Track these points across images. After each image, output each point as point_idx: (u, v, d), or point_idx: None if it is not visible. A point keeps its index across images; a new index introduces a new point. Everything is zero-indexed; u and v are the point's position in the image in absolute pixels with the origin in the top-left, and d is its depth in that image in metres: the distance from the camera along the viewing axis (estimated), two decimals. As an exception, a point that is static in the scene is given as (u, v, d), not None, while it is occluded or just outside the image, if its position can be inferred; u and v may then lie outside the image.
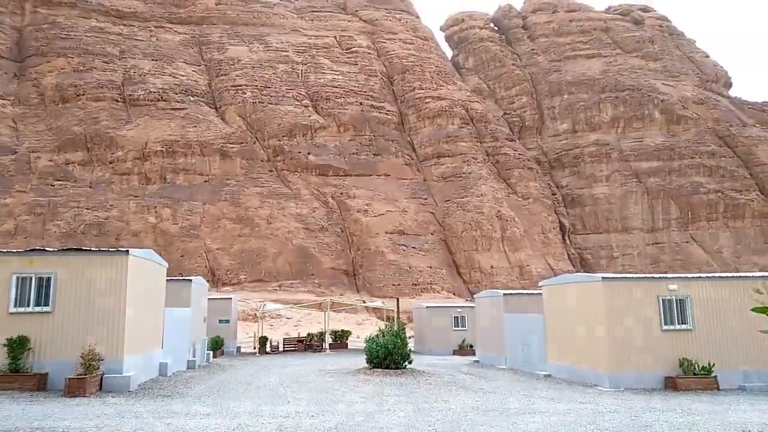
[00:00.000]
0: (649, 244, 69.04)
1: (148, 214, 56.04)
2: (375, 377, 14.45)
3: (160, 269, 15.01)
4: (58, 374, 11.67)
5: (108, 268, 12.17)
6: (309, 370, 17.05)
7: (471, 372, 17.37)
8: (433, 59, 75.84)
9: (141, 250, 13.42)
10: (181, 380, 14.52)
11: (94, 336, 11.89)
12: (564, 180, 72.20)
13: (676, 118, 72.21)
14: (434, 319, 28.47)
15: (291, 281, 56.23)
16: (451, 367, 19.37)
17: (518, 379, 15.35)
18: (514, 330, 18.45)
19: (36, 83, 62.74)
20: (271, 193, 59.84)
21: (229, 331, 27.83)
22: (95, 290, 12.05)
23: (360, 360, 22.24)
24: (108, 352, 11.91)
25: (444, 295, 58.65)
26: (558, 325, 15.53)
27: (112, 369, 12.00)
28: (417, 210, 63.42)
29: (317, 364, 20.11)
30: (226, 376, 15.62)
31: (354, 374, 15.29)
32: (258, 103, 64.46)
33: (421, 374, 15.40)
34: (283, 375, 15.76)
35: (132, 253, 12.57)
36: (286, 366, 19.13)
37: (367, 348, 16.48)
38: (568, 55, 78.25)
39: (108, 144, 59.19)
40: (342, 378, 14.47)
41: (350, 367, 17.81)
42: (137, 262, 12.93)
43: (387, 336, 16.10)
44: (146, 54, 67.36)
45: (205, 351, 20.60)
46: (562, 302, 15.20)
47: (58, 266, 12.08)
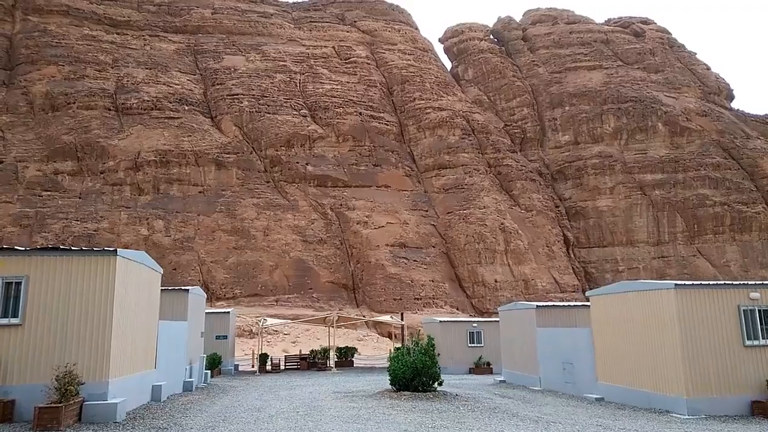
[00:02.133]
0: (655, 258, 67.47)
1: (140, 226, 53.81)
2: (404, 402, 12.44)
3: (154, 276, 12.96)
4: (27, 401, 9.60)
5: (91, 271, 10.15)
6: (322, 393, 14.98)
7: (506, 394, 15.38)
8: (432, 70, 74.68)
9: (132, 251, 11.40)
10: (178, 406, 12.43)
11: (73, 354, 9.84)
12: (567, 192, 70.72)
13: (680, 129, 71.18)
14: (448, 334, 26.40)
15: (288, 295, 54.00)
16: (477, 388, 17.36)
17: (567, 404, 13.37)
18: (550, 346, 16.51)
19: (25, 91, 60.72)
20: (268, 205, 57.84)
21: (227, 348, 25.63)
22: (75, 298, 10.02)
23: (373, 379, 20.14)
24: (90, 373, 9.85)
25: (447, 310, 56.60)
26: (612, 340, 13.62)
27: (95, 395, 9.93)
28: (418, 222, 61.59)
29: (328, 384, 18.02)
30: (230, 401, 13.54)
31: (378, 398, 13.27)
32: (255, 113, 62.73)
33: (455, 398, 13.40)
34: (295, 399, 13.68)
35: (121, 254, 10.57)
36: (293, 387, 17.02)
37: (392, 367, 14.44)
38: (568, 66, 77.36)
39: (99, 153, 57.10)
40: (365, 403, 12.46)
41: (368, 388, 15.77)
42: (127, 266, 10.92)
43: (414, 353, 14.11)
44: (140, 63, 65.64)
45: (203, 370, 18.44)
46: (617, 314, 13.29)
47: (30, 269, 10.04)
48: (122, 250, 10.80)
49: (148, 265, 12.45)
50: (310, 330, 50.65)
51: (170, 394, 14.29)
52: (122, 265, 10.57)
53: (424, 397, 13.17)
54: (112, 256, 10.35)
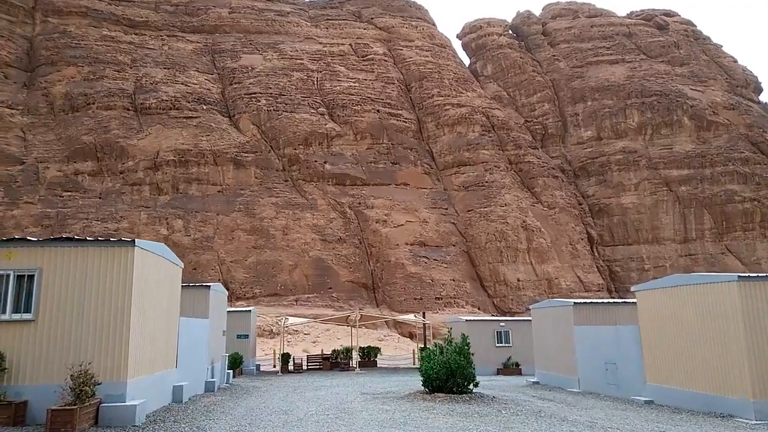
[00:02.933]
0: (682, 256, 65.64)
1: (159, 226, 53.71)
2: (440, 405, 11.62)
3: (174, 270, 12.29)
4: (41, 403, 8.96)
5: (108, 263, 9.48)
6: (350, 394, 14.21)
7: (544, 396, 14.45)
8: (451, 66, 73.64)
9: (151, 242, 10.73)
10: (201, 408, 11.75)
11: (89, 352, 9.19)
12: (590, 189, 69.14)
13: (707, 124, 69.15)
14: (474, 334, 25.38)
15: (308, 295, 53.47)
16: (510, 390, 16.44)
17: (615, 407, 12.42)
18: (590, 346, 15.52)
19: (45, 92, 61.10)
20: (287, 204, 57.39)
21: (248, 348, 25.01)
22: (91, 292, 9.38)
23: (400, 380, 19.34)
24: (107, 373, 9.19)
25: (468, 309, 55.58)
26: (662, 338, 12.61)
27: (112, 396, 9.28)
28: (438, 220, 60.65)
29: (353, 385, 17.25)
30: (254, 402, 12.83)
31: (410, 400, 12.46)
32: (273, 111, 62.35)
33: (492, 401, 12.52)
34: (322, 401, 12.93)
35: (139, 244, 9.90)
36: (319, 388, 16.28)
37: (424, 367, 13.60)
38: (590, 60, 75.72)
39: (119, 153, 57.19)
40: (398, 406, 11.66)
41: (397, 389, 14.97)
42: (146, 258, 10.25)
43: (448, 353, 13.26)
44: (158, 62, 65.70)
45: (225, 370, 17.79)
46: (669, 309, 12.29)
47: (43, 261, 9.42)
48: (141, 241, 10.11)
49: (168, 258, 11.79)
50: (330, 330, 50.02)
51: (192, 395, 13.65)
52: (141, 257, 9.90)
53: (460, 399, 12.32)
54: (129, 247, 9.68)
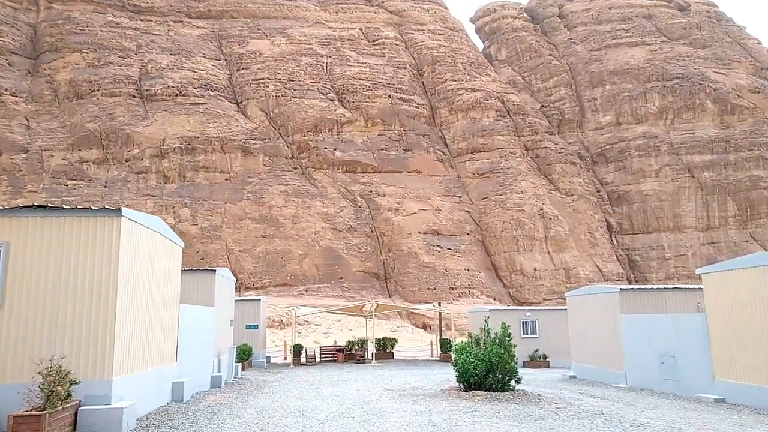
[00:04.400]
0: (705, 244, 63.42)
1: (166, 215, 52.34)
2: (482, 405, 9.99)
3: (172, 249, 10.64)
4: (5, 406, 7.37)
5: (89, 237, 7.88)
6: (373, 391, 12.61)
7: (593, 393, 12.78)
8: (464, 50, 71.48)
9: (143, 214, 9.06)
10: (204, 409, 10.16)
11: (66, 345, 7.62)
12: (609, 176, 66.96)
13: (731, 107, 66.60)
14: (497, 325, 23.76)
15: (318, 285, 52.01)
16: (549, 385, 14.80)
17: (684, 407, 10.72)
18: (641, 337, 13.81)
19: (49, 79, 59.79)
20: (296, 192, 55.84)
21: (258, 339, 23.50)
22: (69, 272, 7.79)
23: (423, 374, 17.75)
24: (87, 370, 7.62)
25: (484, 300, 53.91)
26: (738, 327, 10.86)
27: (95, 397, 7.72)
28: (451, 208, 58.86)
29: (374, 380, 15.67)
30: (266, 401, 11.25)
31: (445, 399, 10.85)
32: (281, 97, 60.66)
33: (540, 400, 10.87)
34: (343, 399, 11.35)
35: (127, 214, 8.25)
36: (336, 383, 14.71)
37: (460, 362, 11.94)
38: (609, 43, 73.21)
39: (124, 141, 55.85)
40: (433, 406, 10.04)
41: (425, 385, 13.37)
42: (137, 232, 8.61)
43: (487, 345, 11.61)
44: (164, 48, 64.14)
45: (233, 363, 16.26)
46: (750, 294, 10.52)
47: (10, 234, 7.81)
48: (129, 211, 8.44)
49: (164, 234, 10.12)
50: (341, 320, 48.59)
51: (195, 393, 12.10)
52: (129, 230, 8.24)
53: (503, 398, 10.69)
54: (115, 217, 8.03)
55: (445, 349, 26.03)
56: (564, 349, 21.87)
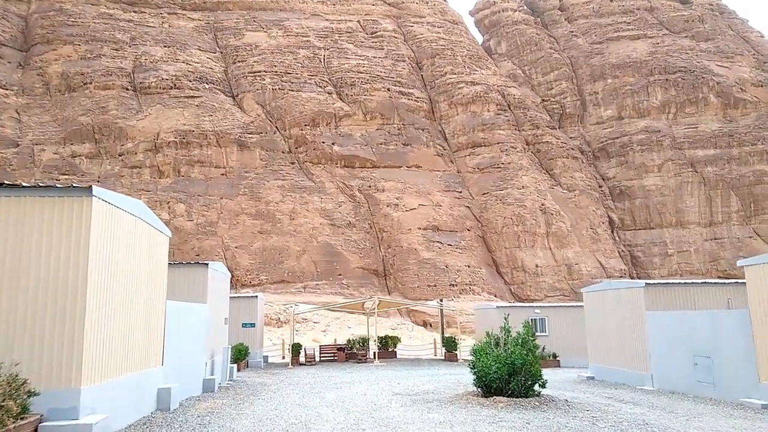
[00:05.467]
0: (708, 240, 62.61)
1: (160, 210, 51.19)
2: (507, 414, 8.98)
3: (157, 237, 9.49)
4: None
5: (54, 220, 6.75)
6: (381, 396, 11.58)
7: (621, 398, 11.79)
8: (464, 43, 70.38)
9: (120, 195, 7.89)
10: (193, 419, 9.09)
11: (24, 348, 6.52)
12: (610, 171, 66.04)
13: (734, 101, 65.72)
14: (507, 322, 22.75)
15: (316, 282, 50.96)
16: (569, 388, 13.82)
17: (729, 414, 9.75)
18: (670, 335, 12.84)
19: (41, 72, 58.45)
20: (294, 187, 54.73)
21: (255, 338, 22.46)
22: (29, 261, 6.69)
23: (431, 375, 16.73)
24: (51, 378, 6.52)
25: (485, 297, 52.97)
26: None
27: (59, 411, 6.61)
28: (452, 204, 57.86)
29: (379, 382, 14.65)
30: (264, 409, 10.19)
31: (464, 406, 9.84)
32: (278, 90, 59.47)
33: (568, 407, 9.86)
34: (349, 405, 10.30)
35: (99, 194, 7.11)
36: (339, 386, 13.69)
37: (479, 364, 10.88)
38: (610, 36, 72.21)
39: (117, 135, 54.63)
40: (452, 415, 9.02)
41: (437, 389, 12.35)
42: (113, 215, 7.44)
43: (508, 345, 10.59)
44: (158, 41, 62.84)
45: (227, 365, 15.19)
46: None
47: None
48: (101, 190, 7.31)
49: (147, 221, 8.97)
50: (340, 318, 47.59)
51: (184, 399, 11.01)
52: (102, 213, 7.04)
53: (528, 404, 9.68)
54: (84, 197, 6.90)
55: (450, 348, 25.02)
56: (575, 348, 20.92)
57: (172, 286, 10.90)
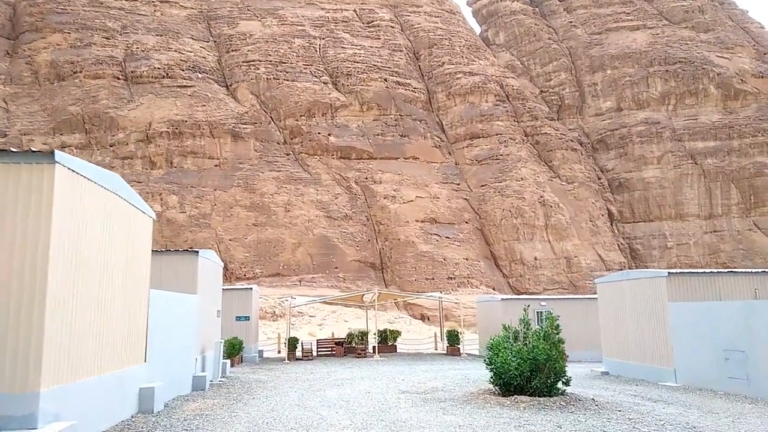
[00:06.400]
0: (707, 233, 62.07)
1: (152, 202, 50.06)
2: (532, 415, 8.12)
3: (138, 217, 8.38)
4: None
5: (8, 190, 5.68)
6: (387, 395, 10.71)
7: (650, 396, 10.95)
8: (462, 33, 69.34)
9: (92, 165, 6.79)
10: (179, 425, 8.10)
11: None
12: (609, 163, 65.35)
13: (734, 92, 65.07)
14: (510, 315, 21.95)
15: (312, 275, 50.07)
16: (587, 385, 13.02)
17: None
18: (695, 328, 12.04)
19: (29, 61, 57.01)
20: (289, 178, 53.71)
21: (250, 332, 21.55)
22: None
23: (435, 370, 15.89)
24: (1, 381, 5.48)
25: (483, 290, 52.24)
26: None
27: (12, 419, 5.55)
28: (449, 196, 57.02)
29: (382, 378, 13.80)
30: (259, 410, 9.27)
31: (482, 405, 8.98)
32: (273, 80, 58.29)
33: (599, 407, 8.99)
34: (354, 406, 9.42)
35: (62, 161, 5.99)
36: (340, 383, 12.82)
37: (496, 360, 9.97)
38: (609, 27, 71.34)
39: (108, 125, 53.37)
40: (471, 417, 8.15)
41: (444, 386, 11.51)
42: (80, 187, 6.31)
43: (529, 340, 9.72)
44: (150, 29, 61.45)
45: (219, 361, 14.26)
46: None
47: None
48: (66, 156, 6.19)
49: (124, 198, 7.87)
50: (336, 311, 46.77)
51: (171, 399, 10.05)
52: (68, 184, 5.88)
53: (553, 405, 8.82)
54: (45, 164, 5.81)
55: (453, 342, 24.20)
56: (583, 342, 20.15)
57: (160, 276, 9.99)
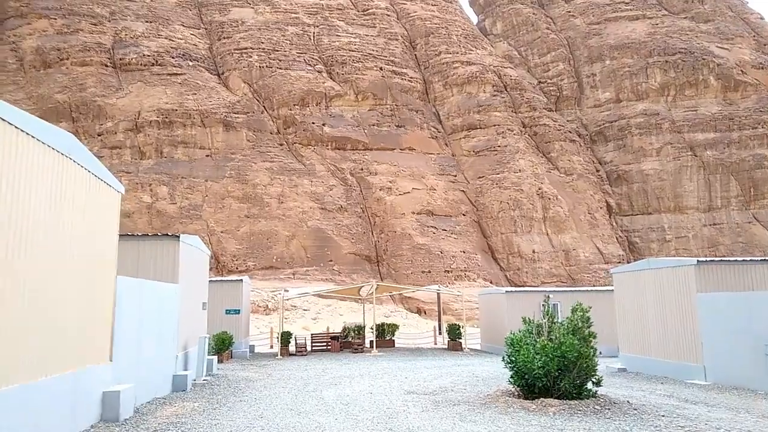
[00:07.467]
0: (706, 225, 61.38)
1: (142, 193, 48.79)
2: (566, 422, 7.08)
3: (99, 188, 7.03)
4: None
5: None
6: (390, 395, 9.67)
7: (685, 397, 9.98)
8: (459, 22, 68.09)
9: (28, 115, 5.45)
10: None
11: None
12: (608, 155, 64.44)
13: (734, 84, 64.24)
14: (516, 309, 20.95)
15: (306, 268, 48.94)
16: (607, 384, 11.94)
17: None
18: (729, 321, 11.06)
19: (14, 47, 55.28)
20: (282, 169, 52.46)
21: (240, 326, 20.44)
22: None
23: (439, 367, 14.86)
24: None
25: (480, 283, 51.33)
26: None
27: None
28: (446, 188, 55.97)
29: (383, 375, 12.76)
30: (246, 418, 8.07)
31: (504, 410, 7.95)
32: (265, 68, 56.88)
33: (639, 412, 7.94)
34: (356, 411, 8.34)
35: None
36: (338, 382, 11.75)
37: (521, 359, 8.84)
38: (608, 17, 70.27)
39: (96, 114, 51.88)
40: (496, 424, 7.09)
41: (452, 384, 10.49)
42: (14, 142, 5.01)
43: (556, 334, 8.66)
44: (139, 16, 59.82)
45: (204, 357, 13.07)
46: None
47: None
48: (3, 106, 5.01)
49: (82, 165, 6.51)
50: (331, 305, 45.73)
51: (145, 403, 8.80)
52: (4, 136, 4.73)
53: (586, 408, 7.78)
54: None
55: (454, 336, 23.18)
56: (593, 336, 19.07)
57: (136, 263, 8.85)
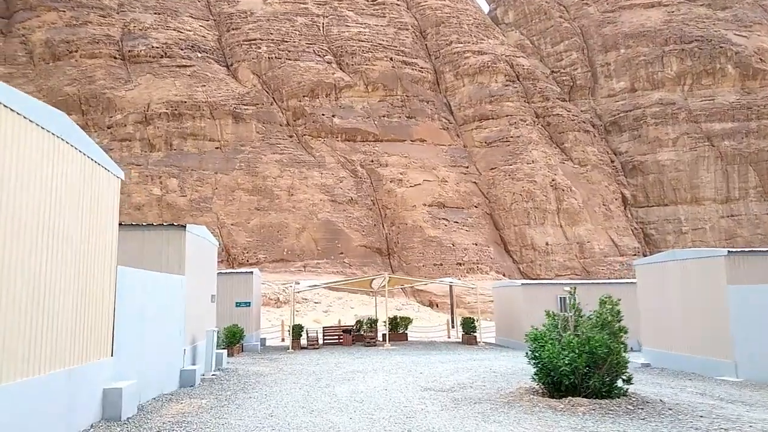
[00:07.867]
0: (724, 217, 60.16)
1: (152, 185, 48.60)
2: (601, 425, 6.54)
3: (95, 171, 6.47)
4: None
5: None
6: (406, 391, 9.16)
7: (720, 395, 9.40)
8: (470, 11, 67.05)
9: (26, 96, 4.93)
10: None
11: None
12: (623, 145, 63.26)
13: (753, 72, 62.70)
14: (533, 302, 20.34)
15: (317, 261, 48.57)
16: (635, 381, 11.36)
17: None
18: (763, 315, 10.43)
19: (24, 40, 55.18)
20: (292, 161, 52.02)
21: (251, 319, 20.02)
22: None
23: (454, 360, 14.31)
24: None
25: (493, 276, 50.69)
26: None
27: None
28: (458, 179, 55.25)
29: (398, 370, 12.25)
30: (256, 416, 7.59)
31: (530, 410, 7.43)
32: (275, 59, 56.34)
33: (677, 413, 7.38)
34: (371, 408, 7.86)
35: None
36: (351, 377, 11.27)
37: (546, 355, 8.26)
38: (623, 4, 68.81)
39: (105, 106, 51.68)
40: (521, 425, 6.61)
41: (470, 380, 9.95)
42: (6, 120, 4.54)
43: (583, 329, 8.08)
44: (148, 7, 59.43)
45: (213, 351, 12.61)
46: None
47: None
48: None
49: (76, 147, 5.92)
50: (342, 298, 45.34)
51: (150, 400, 8.34)
52: None
53: (618, 408, 7.24)
54: None
55: (469, 329, 22.62)
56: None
57: (141, 254, 8.40)
